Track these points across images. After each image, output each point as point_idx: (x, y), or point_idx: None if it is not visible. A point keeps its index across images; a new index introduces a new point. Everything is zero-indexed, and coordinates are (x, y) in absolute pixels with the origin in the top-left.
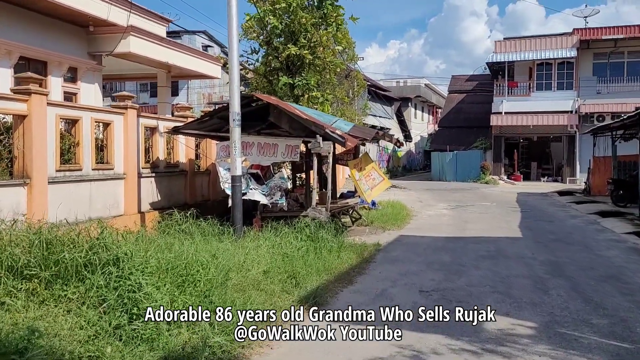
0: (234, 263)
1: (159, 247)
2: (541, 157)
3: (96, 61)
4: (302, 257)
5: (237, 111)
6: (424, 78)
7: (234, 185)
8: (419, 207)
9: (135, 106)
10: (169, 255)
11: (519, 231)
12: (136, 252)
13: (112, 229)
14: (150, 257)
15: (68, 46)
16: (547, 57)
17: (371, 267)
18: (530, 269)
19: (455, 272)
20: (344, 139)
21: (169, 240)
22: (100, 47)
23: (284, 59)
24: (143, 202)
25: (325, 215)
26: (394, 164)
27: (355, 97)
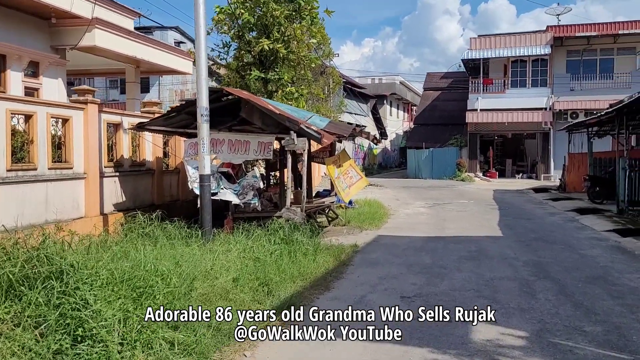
0: (200, 270)
1: (114, 256)
2: (516, 154)
3: (59, 55)
4: (276, 262)
5: (204, 106)
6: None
7: (202, 185)
8: (396, 205)
9: (97, 101)
10: (125, 264)
11: (499, 230)
12: (85, 262)
13: (67, 234)
14: (101, 268)
15: (29, 39)
16: (521, 54)
17: (349, 270)
18: (515, 271)
19: (437, 275)
20: (320, 135)
21: (128, 247)
22: (64, 41)
23: (256, 53)
24: (106, 203)
25: (300, 216)
26: (369, 161)
27: (331, 94)
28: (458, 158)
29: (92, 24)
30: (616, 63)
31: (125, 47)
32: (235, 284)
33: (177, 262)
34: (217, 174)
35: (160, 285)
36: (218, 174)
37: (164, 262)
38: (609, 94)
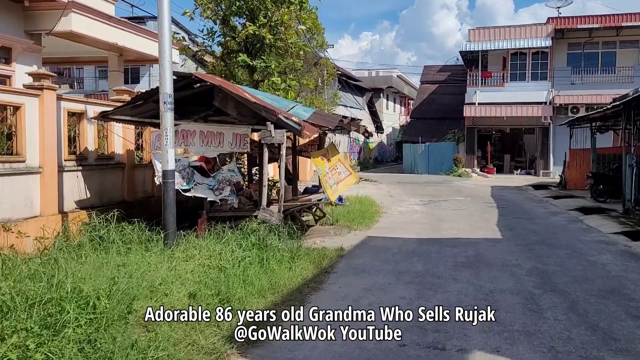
0: (147, 285)
1: (28, 273)
2: (514, 150)
3: (34, 41)
4: (244, 272)
5: (168, 92)
6: (396, 69)
7: (165, 182)
8: (390, 202)
9: (54, 87)
10: (39, 284)
11: (498, 231)
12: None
13: (17, 235)
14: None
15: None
16: (521, 47)
17: (330, 280)
18: (517, 281)
19: (430, 286)
20: (301, 127)
21: (64, 256)
22: (39, 25)
23: (242, 39)
24: (66, 200)
25: (277, 217)
26: (365, 155)
27: (325, 86)
28: (455, 153)
29: (68, 8)
30: (619, 56)
31: (104, 33)
32: (192, 300)
33: (114, 278)
34: (189, 169)
35: (77, 312)
36: (190, 168)
37: (101, 276)
38: (611, 88)
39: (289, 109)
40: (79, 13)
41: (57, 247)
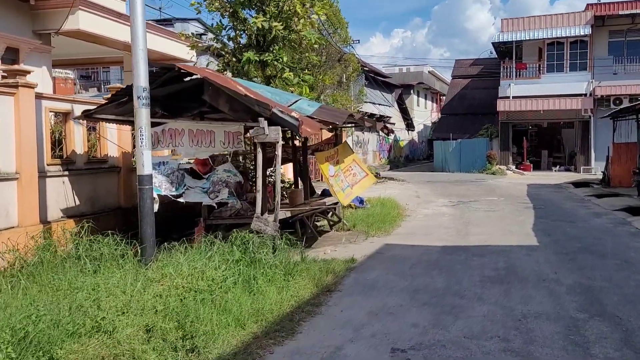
0: (92, 318)
1: None
2: (552, 145)
3: (42, 40)
4: (225, 294)
5: (142, 85)
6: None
7: (140, 188)
8: (416, 204)
9: (32, 84)
10: None
11: (534, 237)
12: None
13: None
14: None
15: (6, 22)
16: (558, 36)
17: (332, 300)
18: (557, 302)
19: (449, 309)
20: (299, 122)
21: None
22: (47, 25)
23: (252, 32)
24: (50, 208)
25: (273, 227)
26: (395, 154)
27: (351, 82)
28: (488, 150)
29: (75, 5)
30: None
31: (115, 32)
32: (148, 336)
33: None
34: (178, 172)
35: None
36: (180, 171)
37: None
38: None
39: (291, 103)
40: (87, 11)
41: (23, 263)
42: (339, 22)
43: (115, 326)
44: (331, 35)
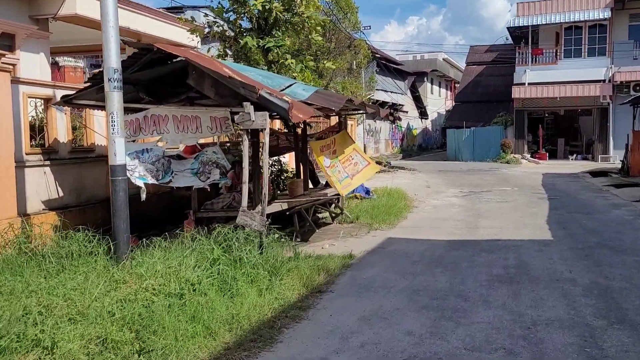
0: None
1: None
2: (569, 133)
3: (39, 26)
4: (200, 298)
5: (113, 67)
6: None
7: (113, 179)
8: (425, 194)
9: (7, 67)
10: None
11: (547, 230)
12: None
13: None
14: None
15: (1, 7)
16: (576, 20)
17: (322, 303)
18: (571, 306)
19: (450, 314)
20: (289, 106)
21: None
22: (43, 10)
23: (253, 15)
24: (30, 200)
25: (260, 221)
26: (408, 142)
27: (361, 69)
28: (503, 138)
29: None
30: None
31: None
32: (99, 349)
33: None
34: (164, 159)
35: None
36: (165, 158)
37: None
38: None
39: (284, 87)
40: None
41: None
42: (349, 6)
43: (56, 340)
44: (340, 21)
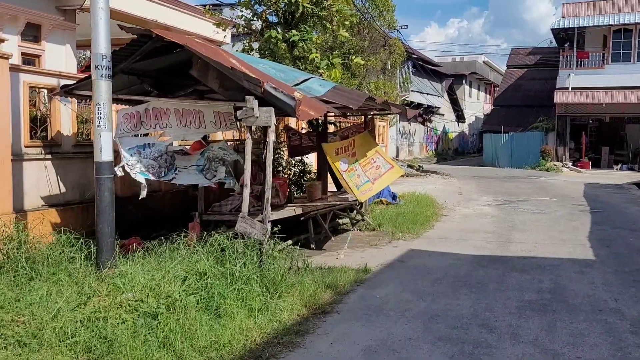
0: None
1: None
2: (614, 141)
3: (66, 17)
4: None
5: (102, 52)
6: (482, 55)
7: (98, 178)
8: (456, 201)
9: (6, 54)
10: None
11: (589, 248)
12: None
13: None
14: None
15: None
16: (626, 22)
17: (323, 328)
18: (617, 345)
19: (471, 350)
20: (295, 102)
21: None
22: (70, 0)
23: (279, 8)
24: (29, 196)
25: (261, 229)
26: (443, 146)
27: (396, 69)
28: (543, 144)
29: None
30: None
31: (142, 9)
32: None
33: None
34: (167, 155)
35: None
36: (168, 154)
37: None
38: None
39: (299, 82)
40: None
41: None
42: (384, 4)
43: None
44: (375, 18)
